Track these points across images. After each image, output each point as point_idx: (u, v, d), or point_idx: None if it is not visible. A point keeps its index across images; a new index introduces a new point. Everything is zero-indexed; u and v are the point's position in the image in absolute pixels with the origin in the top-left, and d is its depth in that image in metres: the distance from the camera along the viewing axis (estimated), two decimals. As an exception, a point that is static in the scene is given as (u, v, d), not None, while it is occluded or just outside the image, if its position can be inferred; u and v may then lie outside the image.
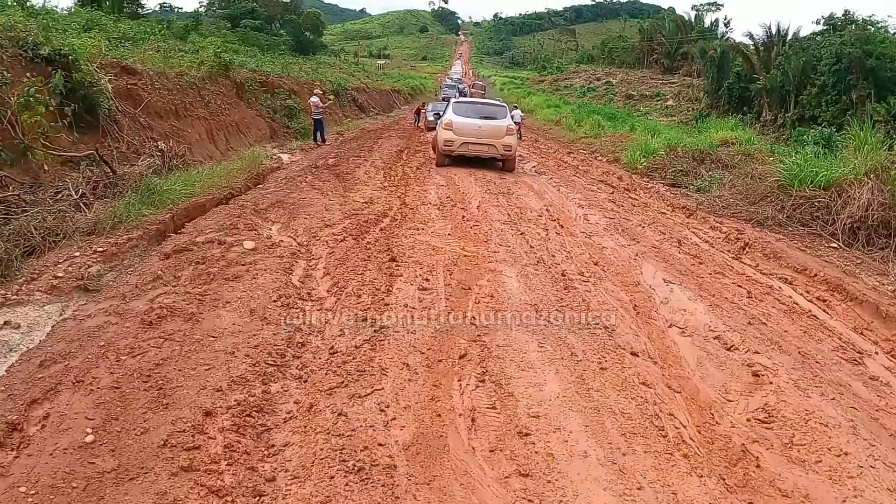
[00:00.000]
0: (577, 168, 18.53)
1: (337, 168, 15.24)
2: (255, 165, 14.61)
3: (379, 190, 12.78)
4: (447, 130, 16.86)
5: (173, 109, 16.53)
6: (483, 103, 19.21)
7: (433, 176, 15.22)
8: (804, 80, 45.07)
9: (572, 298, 6.73)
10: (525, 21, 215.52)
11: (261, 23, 53.14)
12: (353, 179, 13.68)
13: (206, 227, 8.95)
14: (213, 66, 20.21)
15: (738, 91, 53.15)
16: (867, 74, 39.90)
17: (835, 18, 47.20)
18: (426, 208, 11.30)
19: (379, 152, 19.53)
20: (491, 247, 8.72)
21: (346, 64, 63.71)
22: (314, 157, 18.09)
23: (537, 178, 16.26)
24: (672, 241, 9.97)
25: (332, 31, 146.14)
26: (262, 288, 6.34)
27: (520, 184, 14.74)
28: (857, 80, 40.24)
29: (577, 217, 11.40)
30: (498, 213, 11.29)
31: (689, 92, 63.56)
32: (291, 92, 26.82)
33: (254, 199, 11.21)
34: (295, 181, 13.13)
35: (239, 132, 20.03)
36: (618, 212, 12.08)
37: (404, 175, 15.06)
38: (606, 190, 14.65)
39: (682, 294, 7.31)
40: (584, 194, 13.86)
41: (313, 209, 10.45)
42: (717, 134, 20.42)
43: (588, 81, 79.52)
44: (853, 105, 40.51)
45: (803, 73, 45.19)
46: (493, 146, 16.80)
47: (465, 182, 14.36)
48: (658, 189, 14.99)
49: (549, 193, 13.66)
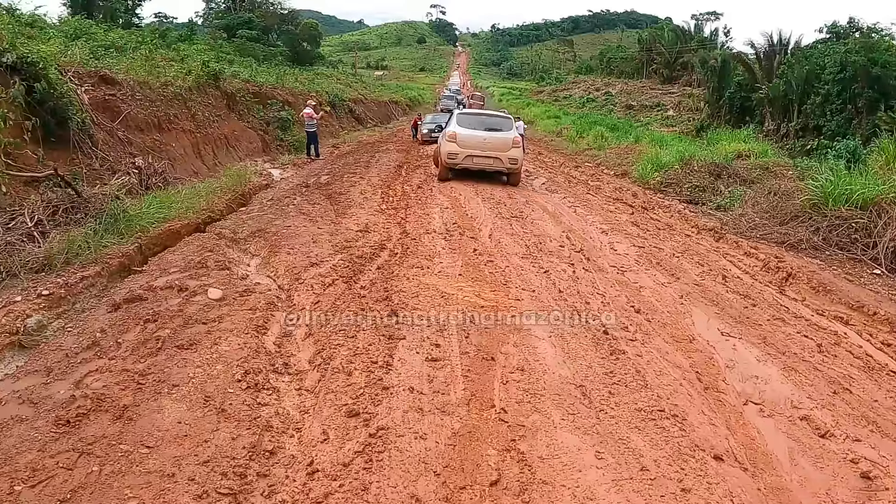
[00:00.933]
0: (587, 184, 17.08)
1: (330, 187, 13.91)
2: (241, 184, 13.20)
3: (376, 214, 11.33)
4: (451, 142, 15.69)
5: (156, 122, 15.14)
6: (488, 114, 17.90)
7: (436, 195, 13.75)
8: (807, 89, 44.02)
9: (623, 370, 5.24)
10: (522, 32, 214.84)
11: (257, 33, 51.68)
12: (346, 201, 12.27)
13: (172, 263, 7.54)
14: (200, 76, 18.80)
15: (739, 101, 52.06)
16: (872, 83, 38.70)
17: (838, 26, 45.95)
18: (430, 238, 9.79)
19: (376, 168, 18.14)
20: (512, 292, 7.20)
21: (344, 75, 62.36)
22: (306, 174, 16.78)
23: (549, 196, 14.76)
24: (712, 274, 8.59)
25: (329, 42, 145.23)
26: (224, 359, 4.88)
27: (532, 204, 13.25)
28: (862, 89, 39.03)
29: (603, 246, 9.95)
30: (513, 242, 9.79)
31: (689, 102, 62.38)
32: (285, 103, 25.39)
33: (233, 226, 9.86)
34: (281, 204, 11.81)
35: (228, 146, 18.62)
36: (644, 237, 10.66)
37: (404, 195, 13.57)
38: (625, 210, 13.23)
39: (747, 352, 5.91)
40: (603, 216, 12.40)
41: (299, 240, 9.05)
42: (729, 146, 19.32)
43: (587, 92, 78.23)
44: (858, 114, 39.46)
45: (806, 82, 44.10)
46: (498, 159, 15.59)
47: (471, 203, 12.92)
48: (676, 207, 13.81)
49: (565, 216, 12.19)
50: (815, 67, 43.93)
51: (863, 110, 39.09)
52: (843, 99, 40.48)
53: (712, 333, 6.31)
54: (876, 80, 38.46)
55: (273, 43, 53.93)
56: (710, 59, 57.35)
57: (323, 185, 14.32)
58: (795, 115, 45.62)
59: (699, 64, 60.93)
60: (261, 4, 60.73)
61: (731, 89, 52.83)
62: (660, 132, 41.55)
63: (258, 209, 11.41)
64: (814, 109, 42.71)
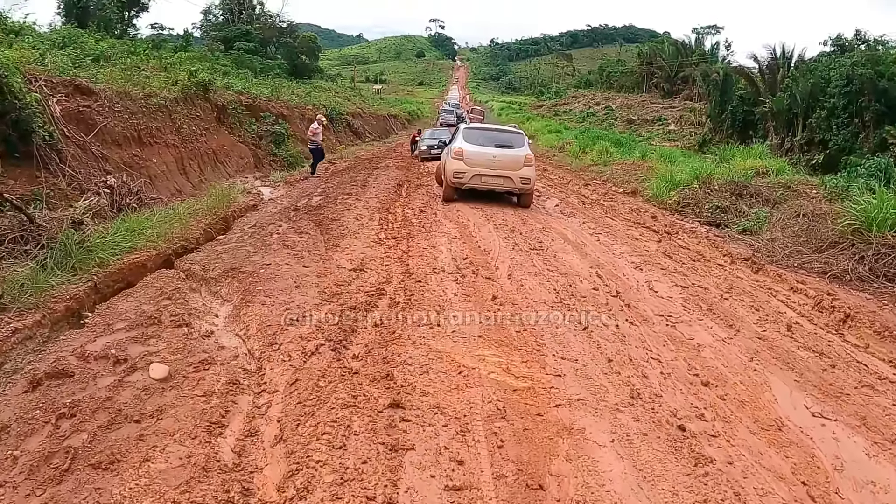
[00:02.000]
0: (601, 204, 15.67)
1: (321, 211, 12.39)
2: (225, 205, 11.78)
3: (373, 245, 9.65)
4: (457, 160, 14.13)
5: (136, 136, 13.73)
6: (497, 130, 16.29)
7: (441, 221, 12.07)
8: (812, 102, 43.01)
9: (718, 493, 3.71)
10: (521, 47, 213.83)
11: (255, 46, 50.36)
12: (339, 229, 10.66)
13: (121, 314, 6.05)
14: (188, 87, 17.37)
15: (741, 115, 51.20)
16: (879, 96, 37.62)
17: (842, 39, 44.81)
18: (439, 279, 8.09)
19: (374, 188, 16.51)
20: (549, 363, 5.52)
21: (342, 88, 61.11)
22: (297, 194, 15.23)
23: (566, 221, 13.13)
24: (771, 322, 7.13)
25: (329, 55, 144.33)
26: (155, 489, 3.32)
27: (550, 231, 11.53)
28: (869, 103, 37.91)
29: (640, 286, 8.37)
30: (539, 285, 8.05)
31: (691, 116, 61.35)
32: (280, 117, 23.97)
33: (206, 261, 8.35)
34: (265, 232, 10.26)
35: (217, 161, 17.18)
36: (681, 272, 9.18)
37: (405, 221, 11.89)
38: (650, 236, 11.77)
39: (851, 442, 4.49)
40: (630, 245, 10.88)
41: (279, 284, 7.46)
42: (744, 162, 18.05)
43: (587, 106, 77.27)
44: (865, 128, 38.36)
45: (811, 96, 43.12)
46: (508, 179, 14.04)
47: (482, 231, 11.21)
48: (700, 231, 12.59)
49: (589, 246, 10.58)
50: (819, 81, 42.94)
51: (869, 124, 38.03)
52: (849, 112, 39.52)
53: (802, 414, 4.84)
54: (883, 94, 37.46)
55: (271, 56, 52.68)
56: (713, 73, 56.46)
57: (314, 208, 12.84)
58: (800, 129, 44.61)
59: (701, 77, 60.17)
60: (259, 17, 59.54)
61: (734, 103, 51.92)
62: (662, 147, 40.63)
63: (238, 238, 9.98)
64: (819, 123, 41.68)
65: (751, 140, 49.37)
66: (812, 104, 42.98)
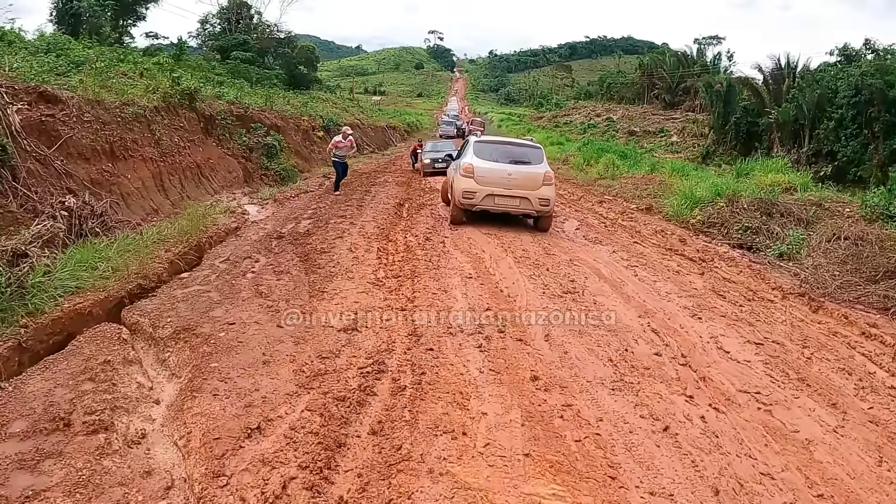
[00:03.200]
0: (622, 226, 14.27)
1: (309, 240, 10.66)
2: (200, 230, 10.36)
3: (370, 289, 7.81)
4: (467, 178, 12.56)
5: (107, 149, 12.35)
6: (513, 144, 14.38)
7: (451, 252, 10.28)
8: (819, 113, 41.85)
9: None
10: (520, 58, 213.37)
11: (252, 55, 49.05)
12: (329, 265, 8.84)
13: (26, 404, 4.54)
14: (170, 95, 15.94)
15: (745, 126, 50.19)
16: (889, 106, 36.44)
17: (849, 49, 43.57)
18: (456, 346, 6.15)
19: (372, 208, 14.82)
20: (633, 499, 3.83)
21: (341, 99, 59.79)
22: (286, 215, 13.52)
23: (593, 249, 11.57)
24: (870, 388, 5.76)
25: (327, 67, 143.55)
26: None
27: (580, 264, 9.82)
28: (879, 113, 36.68)
29: (706, 344, 6.69)
30: (587, 352, 6.22)
31: (693, 128, 60.27)
32: (273, 128, 22.49)
33: (159, 311, 6.75)
34: (238, 269, 8.58)
35: (201, 176, 15.74)
36: (742, 318, 7.66)
37: (408, 252, 10.12)
38: (688, 266, 10.32)
39: None
40: (673, 280, 9.33)
41: (242, 357, 5.60)
42: (765, 177, 16.75)
43: (588, 118, 76.13)
44: (874, 139, 37.11)
45: (818, 107, 41.98)
46: (526, 199, 12.48)
47: (501, 265, 9.37)
48: (735, 256, 11.40)
49: (629, 284, 8.91)
50: (826, 91, 41.82)
51: (879, 135, 36.84)
52: (857, 124, 38.38)
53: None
54: (893, 104, 36.29)
55: (269, 66, 51.38)
56: (717, 84, 55.36)
57: (301, 235, 11.11)
58: (807, 141, 43.46)
59: (704, 88, 59.02)
60: (257, 26, 58.33)
61: (737, 114, 50.87)
62: (665, 158, 39.49)
63: (205, 277, 8.28)
64: (827, 134, 40.55)
65: (755, 152, 48.41)
66: (819, 115, 41.92)
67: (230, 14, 56.34)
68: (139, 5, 41.17)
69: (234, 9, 56.42)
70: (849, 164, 37.67)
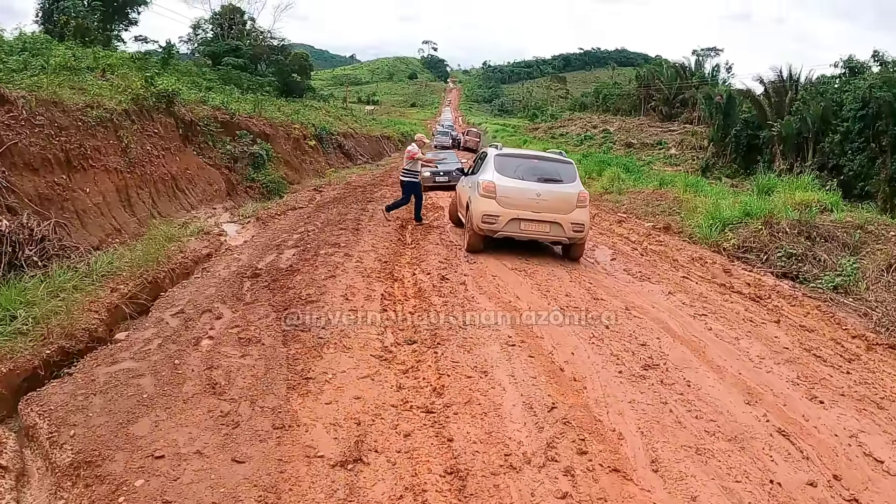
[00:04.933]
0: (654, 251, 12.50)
1: (293, 281, 8.21)
2: (161, 260, 8.40)
3: (376, 371, 5.44)
4: (487, 199, 10.48)
5: (63, 158, 10.50)
6: (541, 158, 11.92)
7: (477, 300, 7.83)
8: (824, 126, 40.45)
9: None
10: (514, 69, 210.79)
11: (244, 62, 47.22)
12: (318, 325, 6.44)
13: None
14: (140, 96, 14.04)
15: (746, 139, 48.95)
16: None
17: (853, 61, 42.20)
18: (525, 492, 3.87)
19: (370, 232, 12.31)
20: None
21: (334, 108, 57.90)
22: (267, 240, 11.21)
23: (642, 287, 9.45)
24: None
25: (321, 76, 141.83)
26: None
27: (640, 315, 7.66)
28: (887, 127, 35.27)
29: (851, 450, 4.72)
30: (719, 489, 4.06)
31: (692, 140, 58.90)
32: (261, 136, 20.57)
33: (64, 409, 4.55)
34: (190, 331, 6.21)
35: (176, 189, 13.82)
36: (865, 395, 5.80)
37: (421, 298, 7.80)
38: (756, 310, 8.51)
39: None
40: (755, 335, 7.32)
41: None
42: (792, 195, 15.08)
43: (584, 129, 74.62)
44: (882, 153, 35.69)
45: (822, 120, 40.58)
46: (557, 225, 10.44)
47: (546, 320, 7.11)
48: (792, 292, 9.87)
49: (710, 346, 6.75)
50: (831, 104, 40.51)
51: (887, 149, 35.48)
52: (865, 137, 37.00)
53: None
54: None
55: (261, 73, 49.55)
56: (717, 96, 54.06)
57: (283, 272, 8.68)
58: (811, 154, 42.13)
59: (703, 100, 57.73)
60: (250, 32, 56.51)
61: (738, 127, 49.60)
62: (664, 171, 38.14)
63: (146, 339, 5.99)
64: (833, 148, 39.19)
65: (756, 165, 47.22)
66: (824, 128, 40.62)
67: (223, 20, 54.46)
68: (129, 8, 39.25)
69: (227, 14, 54.56)
70: (855, 179, 36.31)
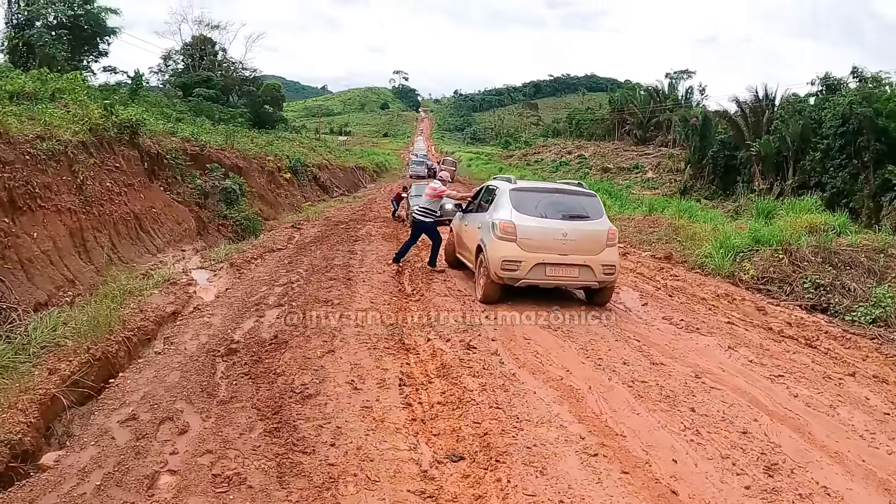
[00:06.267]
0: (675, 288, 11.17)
1: (280, 362, 6.22)
2: (111, 328, 6.73)
3: None
4: (506, 241, 8.78)
5: (5, 198, 9.10)
6: (562, 191, 9.95)
7: (520, 380, 5.98)
8: (803, 144, 40.03)
9: None
10: (485, 97, 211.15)
11: (216, 93, 45.84)
12: (321, 442, 4.53)
13: None
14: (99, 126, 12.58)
15: (723, 159, 48.71)
16: (879, 135, 34.71)
17: (830, 78, 42.00)
18: None
19: (365, 282, 10.21)
20: None
21: (307, 139, 56.53)
22: (244, 295, 9.11)
23: (695, 342, 7.73)
24: None
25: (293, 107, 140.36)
26: None
27: (714, 383, 6.17)
28: (868, 142, 34.86)
29: None
30: None
31: (669, 163, 58.60)
32: (233, 169, 19.13)
33: None
34: (143, 459, 4.21)
35: (140, 230, 12.31)
36: None
37: (449, 380, 5.93)
38: (825, 362, 7.12)
39: None
40: (850, 402, 5.89)
41: None
42: (797, 218, 14.30)
43: (559, 155, 74.28)
44: (864, 169, 35.21)
45: (802, 138, 40.16)
46: (587, 268, 8.82)
47: (619, 408, 5.41)
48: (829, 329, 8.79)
49: (811, 422, 5.30)
50: (810, 122, 40.12)
51: (869, 164, 34.98)
52: (846, 154, 36.48)
53: None
54: (883, 132, 34.64)
55: (233, 104, 48.20)
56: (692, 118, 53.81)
57: (267, 348, 6.63)
58: (791, 173, 41.63)
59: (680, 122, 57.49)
60: (221, 63, 55.24)
61: (714, 148, 49.22)
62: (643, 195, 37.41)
63: (83, 470, 4.16)
64: (814, 166, 38.71)
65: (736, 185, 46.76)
66: (803, 146, 40.20)
67: (194, 50, 53.22)
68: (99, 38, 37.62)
69: (198, 45, 53.33)
70: (838, 196, 35.69)
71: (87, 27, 35.71)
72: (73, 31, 35.16)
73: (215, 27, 55.98)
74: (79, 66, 36.05)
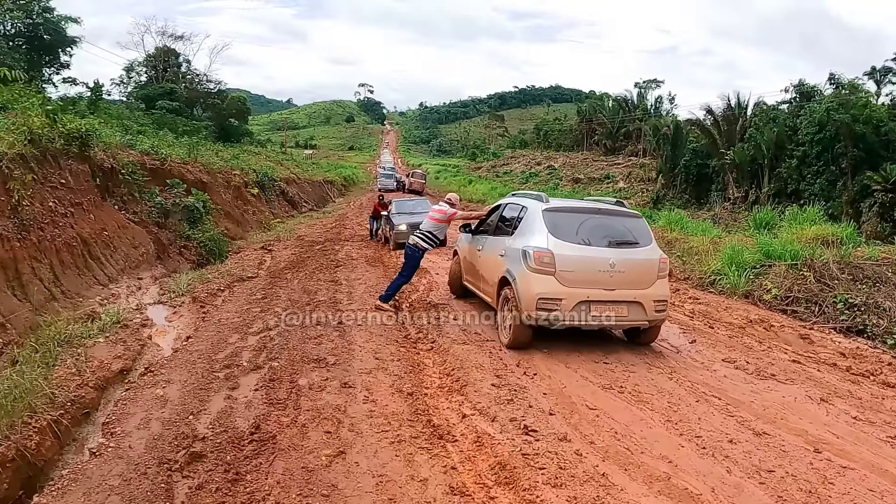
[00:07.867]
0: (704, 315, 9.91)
1: (267, 477, 4.25)
2: (32, 407, 4.87)
3: None
4: (542, 274, 7.17)
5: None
6: (603, 212, 8.07)
7: (614, 481, 4.24)
8: (779, 152, 39.50)
9: None
10: (450, 109, 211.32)
11: (179, 105, 43.93)
12: None
13: None
14: (41, 136, 10.86)
15: (695, 168, 48.34)
16: (857, 141, 34.22)
17: (804, 86, 41.65)
18: None
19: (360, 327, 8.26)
20: None
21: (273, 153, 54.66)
22: (210, 348, 7.35)
23: (779, 393, 6.23)
24: None
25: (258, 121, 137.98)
26: None
27: (838, 458, 4.72)
28: (846, 149, 34.40)
29: None
30: None
31: (640, 172, 57.99)
32: (196, 184, 17.43)
33: None
34: None
35: (89, 257, 10.56)
36: None
37: (515, 488, 4.10)
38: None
39: None
40: None
41: None
42: (803, 230, 13.46)
43: (528, 166, 73.49)
44: (843, 175, 34.75)
45: (777, 145, 39.61)
46: (637, 305, 7.30)
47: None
48: (879, 356, 7.90)
49: None
50: (785, 129, 39.65)
51: (847, 171, 34.56)
52: (823, 160, 36.03)
53: None
54: (861, 138, 34.27)
55: (197, 117, 46.30)
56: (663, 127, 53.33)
57: (245, 452, 4.65)
58: (767, 181, 41.13)
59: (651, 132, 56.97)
60: (185, 75, 53.29)
61: (687, 157, 48.75)
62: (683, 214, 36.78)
63: None
64: (790, 173, 38.14)
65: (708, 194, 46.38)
66: (778, 153, 39.74)
67: (157, 62, 51.17)
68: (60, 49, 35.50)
69: (161, 57, 51.31)
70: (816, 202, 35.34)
71: (47, 36, 33.59)
72: (31, 40, 33.14)
73: (179, 38, 54.00)
74: (40, 78, 34.05)
